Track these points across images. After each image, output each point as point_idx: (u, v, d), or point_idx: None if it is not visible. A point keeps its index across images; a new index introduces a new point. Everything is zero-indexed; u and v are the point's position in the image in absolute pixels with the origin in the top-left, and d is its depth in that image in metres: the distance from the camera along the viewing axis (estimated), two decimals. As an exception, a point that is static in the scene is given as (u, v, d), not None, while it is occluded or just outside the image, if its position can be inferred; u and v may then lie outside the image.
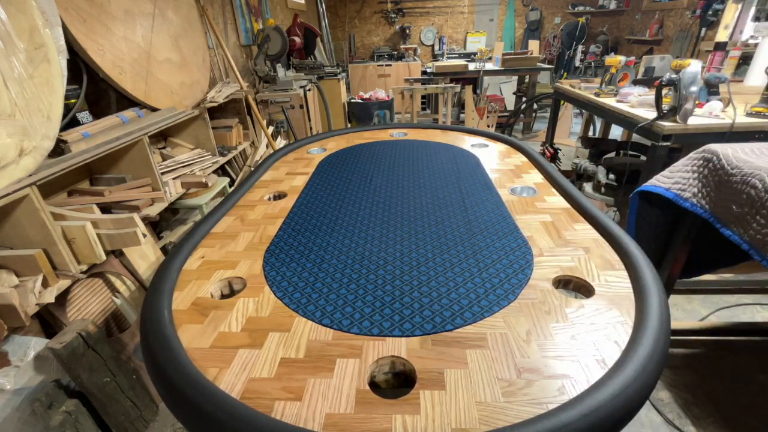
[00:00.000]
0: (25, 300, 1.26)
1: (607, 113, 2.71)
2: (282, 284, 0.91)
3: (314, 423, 0.59)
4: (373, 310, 0.81)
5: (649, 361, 0.64)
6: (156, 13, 2.32)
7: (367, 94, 4.78)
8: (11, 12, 1.34)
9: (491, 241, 1.04)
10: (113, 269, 1.74)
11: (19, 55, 1.35)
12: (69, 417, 1.33)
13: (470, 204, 1.24)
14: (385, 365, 0.71)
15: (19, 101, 1.34)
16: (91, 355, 1.38)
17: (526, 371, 0.66)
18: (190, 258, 1.04)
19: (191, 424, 0.61)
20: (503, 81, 6.57)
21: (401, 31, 7.61)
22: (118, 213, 1.73)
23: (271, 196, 1.41)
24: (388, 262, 0.97)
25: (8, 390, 1.24)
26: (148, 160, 1.86)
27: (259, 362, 0.70)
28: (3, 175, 1.27)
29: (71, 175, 1.67)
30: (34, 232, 1.36)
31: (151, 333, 0.75)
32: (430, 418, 0.59)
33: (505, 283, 0.87)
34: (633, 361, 0.63)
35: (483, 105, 4.88)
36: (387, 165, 1.60)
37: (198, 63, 2.73)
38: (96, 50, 1.85)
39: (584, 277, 0.88)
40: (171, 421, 1.64)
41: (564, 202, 1.23)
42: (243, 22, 3.76)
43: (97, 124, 1.77)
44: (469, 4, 7.47)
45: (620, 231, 0.99)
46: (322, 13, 6.74)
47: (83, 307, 1.60)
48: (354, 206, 1.27)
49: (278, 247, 1.07)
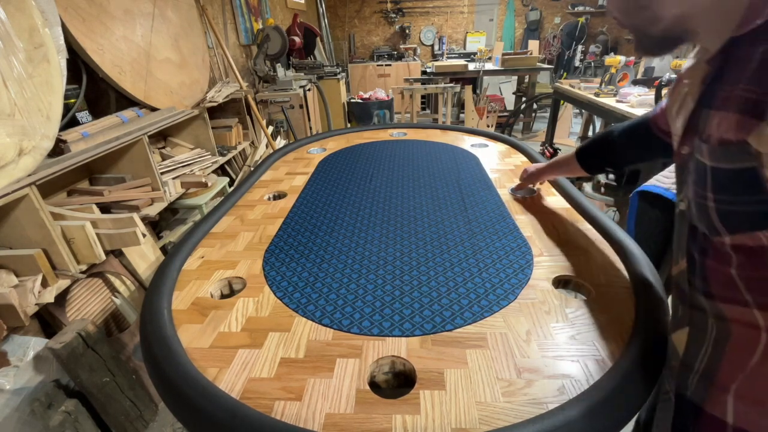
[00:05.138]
0: (25, 300, 1.26)
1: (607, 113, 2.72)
2: (282, 284, 0.91)
3: (314, 423, 0.59)
4: (373, 310, 0.81)
5: (648, 359, 0.64)
6: (155, 12, 2.32)
7: (367, 94, 4.78)
8: (10, 11, 1.34)
9: (491, 241, 1.04)
10: (113, 269, 1.74)
11: (19, 54, 1.35)
12: (68, 417, 1.33)
13: (470, 204, 1.24)
14: (385, 365, 0.71)
15: (19, 101, 1.34)
16: (90, 355, 1.38)
17: (526, 371, 0.66)
18: (189, 258, 1.04)
19: (191, 424, 0.61)
20: (503, 81, 6.58)
21: (401, 31, 7.61)
22: (117, 213, 1.73)
23: (271, 196, 1.41)
24: (388, 262, 0.97)
25: (8, 390, 1.24)
26: (148, 160, 1.86)
27: (259, 362, 0.70)
28: (2, 174, 1.27)
29: (71, 174, 1.67)
30: (34, 232, 1.35)
31: (150, 333, 0.75)
32: (430, 418, 0.59)
33: (505, 283, 0.87)
34: (632, 359, 0.63)
35: (483, 105, 4.88)
36: (387, 165, 1.60)
37: (197, 63, 2.73)
38: (95, 50, 1.85)
39: (584, 277, 0.88)
40: (171, 421, 1.64)
41: (564, 202, 1.23)
42: (243, 22, 3.76)
43: (96, 123, 1.77)
44: (468, 4, 7.47)
45: (620, 231, 0.99)
46: (322, 13, 6.74)
47: (83, 307, 1.60)
48: (354, 206, 1.27)
49: (278, 246, 1.07)
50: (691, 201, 0.56)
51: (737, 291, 0.51)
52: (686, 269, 0.59)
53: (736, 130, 0.46)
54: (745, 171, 0.46)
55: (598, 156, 1.02)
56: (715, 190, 0.50)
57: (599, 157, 1.02)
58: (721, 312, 0.53)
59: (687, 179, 0.56)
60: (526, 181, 1.27)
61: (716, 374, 0.55)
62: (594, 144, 1.03)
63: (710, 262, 0.54)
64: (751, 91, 0.46)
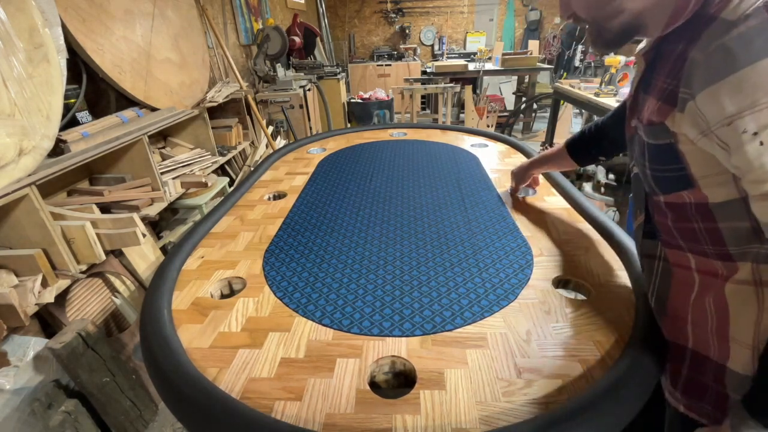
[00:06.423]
0: (25, 300, 1.26)
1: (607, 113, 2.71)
2: (282, 284, 0.91)
3: (314, 423, 0.59)
4: (373, 310, 0.81)
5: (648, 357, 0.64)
6: (156, 12, 2.32)
7: (367, 94, 4.78)
8: (11, 12, 1.34)
9: (491, 241, 1.04)
10: (113, 269, 1.74)
11: (19, 54, 1.35)
12: (68, 417, 1.33)
13: (470, 204, 1.24)
14: (385, 365, 0.71)
15: (19, 101, 1.34)
16: (90, 355, 1.38)
17: (526, 371, 0.66)
18: (189, 258, 1.04)
19: (191, 424, 0.61)
20: (503, 81, 6.57)
21: (401, 31, 7.61)
22: (117, 213, 1.73)
23: (271, 196, 1.41)
24: (388, 261, 0.97)
25: (8, 390, 1.24)
26: (148, 160, 1.86)
27: (259, 362, 0.70)
28: (2, 174, 1.27)
29: (71, 174, 1.67)
30: (34, 232, 1.35)
31: (150, 333, 0.75)
32: (430, 418, 0.59)
33: (505, 283, 0.87)
34: (632, 359, 0.63)
35: (483, 105, 4.88)
36: (387, 165, 1.60)
37: (197, 63, 2.73)
38: (95, 50, 1.85)
39: (584, 277, 0.88)
40: (171, 421, 1.64)
41: (564, 202, 1.23)
42: (243, 22, 3.76)
43: (96, 123, 1.77)
44: (468, 4, 7.47)
45: (620, 231, 0.99)
46: (322, 13, 6.74)
47: (83, 307, 1.60)
48: (354, 206, 1.27)
49: (278, 246, 1.07)
50: (638, 168, 0.67)
51: (674, 238, 0.64)
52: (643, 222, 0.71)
53: (658, 113, 0.57)
54: (667, 146, 0.57)
55: (590, 145, 1.03)
56: (650, 160, 0.61)
57: (591, 146, 1.03)
58: (667, 256, 0.67)
59: (635, 149, 0.67)
60: (516, 183, 1.26)
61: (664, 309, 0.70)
62: (583, 134, 1.04)
63: (656, 217, 0.66)
64: (668, 83, 0.56)
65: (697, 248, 0.61)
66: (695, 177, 0.56)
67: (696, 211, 0.58)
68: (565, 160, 1.08)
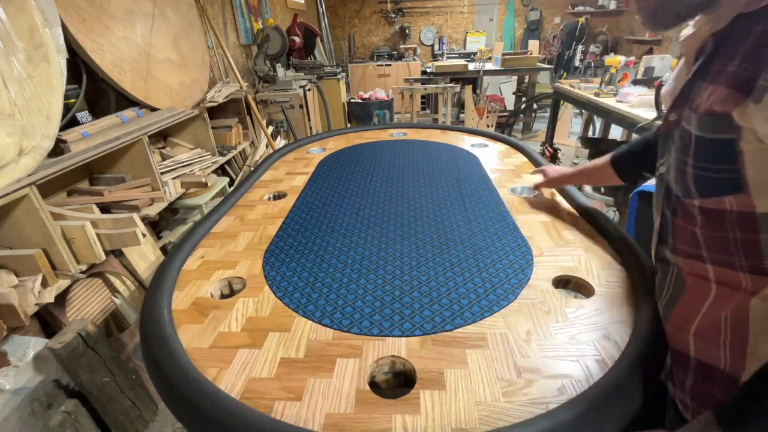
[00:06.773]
0: (25, 300, 1.26)
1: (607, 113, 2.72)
2: (282, 284, 0.91)
3: (314, 423, 0.59)
4: (373, 310, 0.81)
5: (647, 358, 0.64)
6: (155, 12, 2.32)
7: (367, 94, 4.78)
8: (11, 11, 1.34)
9: (491, 241, 1.04)
10: (113, 269, 1.74)
11: (19, 54, 1.35)
12: (68, 417, 1.33)
13: (470, 204, 1.24)
14: (385, 365, 0.71)
15: (19, 101, 1.34)
16: (90, 355, 1.38)
17: (526, 371, 0.66)
18: (189, 258, 1.04)
19: (191, 424, 0.61)
20: (503, 81, 6.57)
21: (401, 31, 7.61)
22: (117, 213, 1.73)
23: (271, 196, 1.41)
24: (388, 262, 0.97)
25: (7, 390, 1.24)
26: (148, 160, 1.86)
27: (259, 362, 0.70)
28: (2, 174, 1.27)
29: (71, 174, 1.67)
30: (34, 232, 1.35)
31: (150, 333, 0.75)
32: (430, 418, 0.59)
33: (505, 283, 0.87)
34: (632, 359, 0.63)
35: (483, 105, 4.88)
36: (387, 165, 1.60)
37: (197, 63, 2.73)
38: (95, 50, 1.85)
39: (584, 277, 0.88)
40: (171, 421, 1.64)
41: (564, 202, 1.23)
42: (243, 22, 3.75)
43: (96, 123, 1.77)
44: (468, 4, 7.47)
45: (620, 231, 0.99)
46: (322, 13, 6.74)
47: (83, 307, 1.60)
48: (354, 206, 1.27)
49: (278, 246, 1.07)
50: (671, 166, 0.62)
51: (697, 247, 0.59)
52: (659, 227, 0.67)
53: (724, 102, 0.49)
54: (725, 141, 0.50)
55: (639, 162, 0.97)
56: (696, 156, 0.55)
57: (640, 162, 0.97)
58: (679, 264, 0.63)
59: (670, 146, 0.61)
60: (545, 185, 1.24)
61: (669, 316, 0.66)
62: (630, 150, 0.99)
63: (679, 221, 0.61)
64: (743, 68, 0.48)
65: (723, 259, 0.56)
66: (748, 181, 0.50)
67: (736, 219, 0.53)
68: (608, 175, 1.03)
